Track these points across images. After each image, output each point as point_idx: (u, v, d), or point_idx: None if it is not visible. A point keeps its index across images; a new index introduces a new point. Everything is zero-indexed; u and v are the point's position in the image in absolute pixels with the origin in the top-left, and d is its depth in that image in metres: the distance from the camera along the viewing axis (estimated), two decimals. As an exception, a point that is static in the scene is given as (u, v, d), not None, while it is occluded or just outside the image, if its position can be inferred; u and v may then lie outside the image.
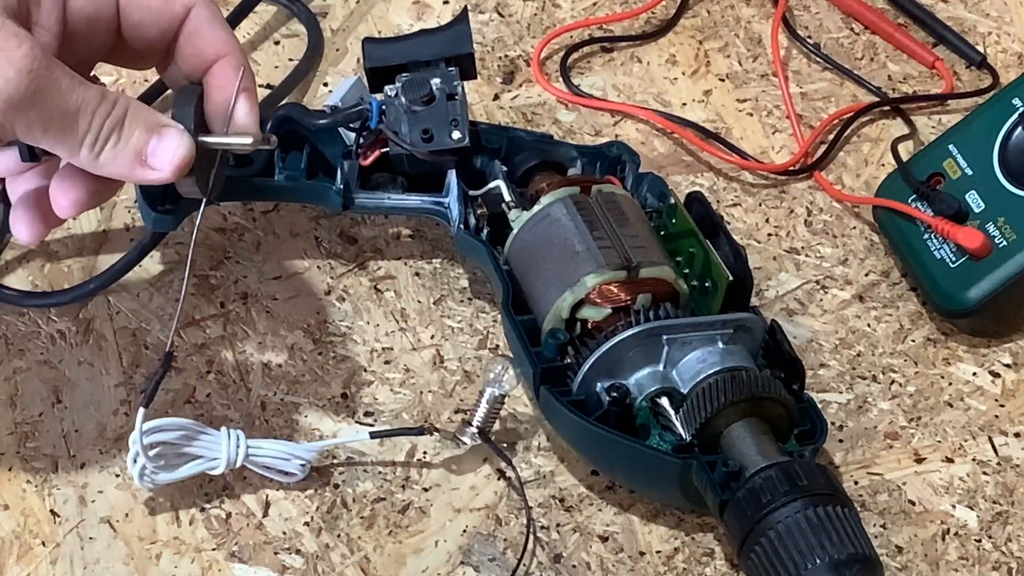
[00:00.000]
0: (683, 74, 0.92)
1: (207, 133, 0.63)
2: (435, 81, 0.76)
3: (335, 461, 0.72)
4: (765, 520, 0.63)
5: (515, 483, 0.71)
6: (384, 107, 0.75)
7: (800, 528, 0.62)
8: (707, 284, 0.72)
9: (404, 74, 0.76)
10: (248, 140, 0.63)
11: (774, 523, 0.62)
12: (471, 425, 0.70)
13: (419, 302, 0.79)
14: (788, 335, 0.71)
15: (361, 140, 0.76)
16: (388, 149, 0.76)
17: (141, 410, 0.66)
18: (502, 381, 0.70)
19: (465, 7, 0.80)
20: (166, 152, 0.60)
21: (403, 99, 0.75)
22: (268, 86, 0.88)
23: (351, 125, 0.76)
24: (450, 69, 0.76)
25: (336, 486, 0.71)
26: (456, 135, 0.75)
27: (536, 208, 0.74)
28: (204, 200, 0.65)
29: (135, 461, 0.67)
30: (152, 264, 0.79)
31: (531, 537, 0.69)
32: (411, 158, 0.75)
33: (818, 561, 0.61)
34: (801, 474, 0.64)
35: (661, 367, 0.69)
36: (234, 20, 0.90)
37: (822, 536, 0.62)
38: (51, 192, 0.63)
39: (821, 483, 0.64)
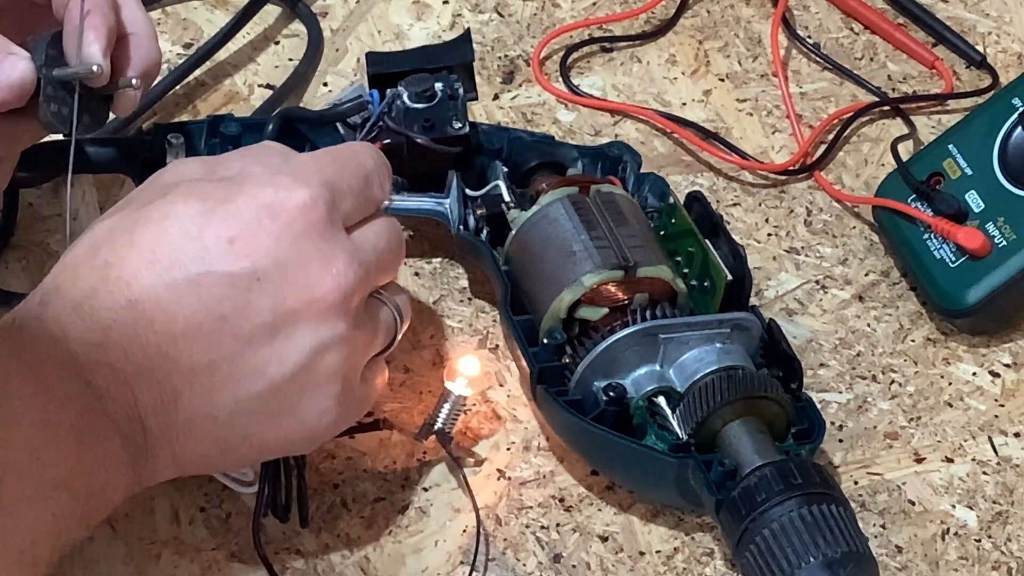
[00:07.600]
0: (683, 74, 0.92)
1: (64, 67, 0.65)
2: (436, 85, 0.77)
3: (335, 461, 0.72)
4: (760, 519, 0.63)
5: (463, 483, 0.71)
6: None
7: (795, 526, 0.62)
8: (706, 284, 0.72)
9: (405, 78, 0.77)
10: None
11: (769, 522, 0.62)
12: (431, 425, 0.70)
13: (419, 302, 0.79)
14: (788, 335, 0.71)
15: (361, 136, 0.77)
16: (388, 142, 0.76)
17: None
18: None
19: (468, 29, 0.80)
20: (2, 75, 0.64)
21: (405, 96, 0.76)
22: (268, 86, 0.88)
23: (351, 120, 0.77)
24: (451, 76, 0.77)
25: (336, 486, 0.71)
26: (457, 124, 0.76)
27: (534, 208, 0.74)
28: (72, 137, 0.65)
29: None
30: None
31: (480, 536, 0.69)
32: (412, 152, 0.75)
33: (812, 560, 0.61)
34: (796, 472, 0.64)
35: (658, 366, 0.69)
36: (239, 22, 0.89)
37: (816, 534, 0.62)
38: None
39: (816, 481, 0.64)
